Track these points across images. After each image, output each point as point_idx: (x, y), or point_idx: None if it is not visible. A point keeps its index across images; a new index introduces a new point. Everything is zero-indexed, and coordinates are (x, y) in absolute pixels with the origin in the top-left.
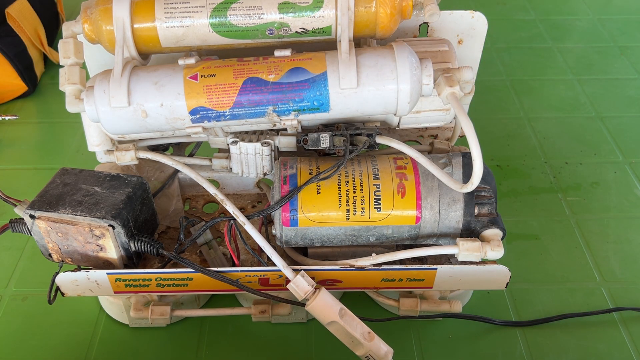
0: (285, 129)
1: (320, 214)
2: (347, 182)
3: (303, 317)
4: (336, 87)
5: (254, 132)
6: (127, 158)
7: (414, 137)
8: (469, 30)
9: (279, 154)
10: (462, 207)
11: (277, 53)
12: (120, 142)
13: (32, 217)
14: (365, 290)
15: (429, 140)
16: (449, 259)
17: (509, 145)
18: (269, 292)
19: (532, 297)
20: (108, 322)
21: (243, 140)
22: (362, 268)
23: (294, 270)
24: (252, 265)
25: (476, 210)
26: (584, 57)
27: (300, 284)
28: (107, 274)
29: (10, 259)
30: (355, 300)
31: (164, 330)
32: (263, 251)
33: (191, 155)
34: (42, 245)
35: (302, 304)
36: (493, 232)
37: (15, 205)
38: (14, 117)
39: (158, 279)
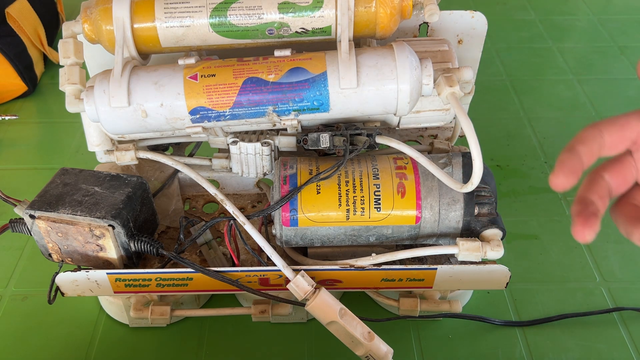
0: (285, 129)
1: (320, 214)
2: (347, 182)
3: (303, 317)
4: (336, 87)
5: (254, 132)
6: (127, 158)
7: (414, 137)
8: (469, 30)
9: (279, 154)
10: (462, 207)
11: (277, 53)
12: (120, 142)
13: (32, 217)
14: (365, 290)
15: (429, 140)
16: (449, 259)
17: (509, 145)
18: (269, 292)
19: (532, 297)
20: (108, 322)
21: (243, 140)
22: (362, 268)
23: (294, 270)
24: (252, 265)
25: (476, 210)
26: (583, 57)
27: (300, 284)
28: (107, 274)
29: (10, 259)
30: (355, 300)
31: (164, 330)
32: (263, 251)
33: (191, 155)
34: (42, 245)
35: (302, 304)
36: (493, 232)
37: (15, 205)
38: (14, 117)
39: (158, 279)
